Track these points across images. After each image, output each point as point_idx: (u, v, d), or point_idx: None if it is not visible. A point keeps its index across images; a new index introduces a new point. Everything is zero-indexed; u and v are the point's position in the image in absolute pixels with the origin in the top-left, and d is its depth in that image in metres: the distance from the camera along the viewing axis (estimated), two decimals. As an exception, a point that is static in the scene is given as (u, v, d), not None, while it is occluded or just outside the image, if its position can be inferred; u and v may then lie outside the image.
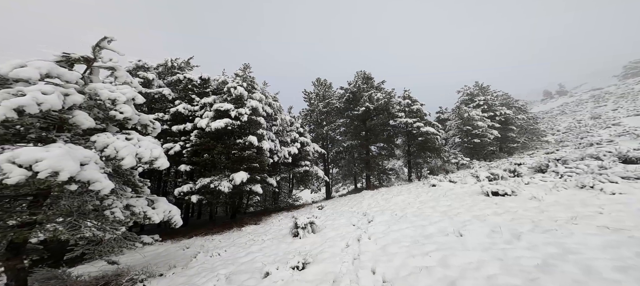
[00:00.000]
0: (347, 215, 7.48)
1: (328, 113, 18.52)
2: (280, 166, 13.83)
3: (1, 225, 2.77)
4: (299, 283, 3.37)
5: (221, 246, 7.12)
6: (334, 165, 18.82)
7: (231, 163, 10.05)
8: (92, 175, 3.25)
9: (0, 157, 2.34)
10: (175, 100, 10.19)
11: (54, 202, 3.39)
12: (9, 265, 3.01)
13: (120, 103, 4.31)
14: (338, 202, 12.14)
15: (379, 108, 15.61)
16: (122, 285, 4.47)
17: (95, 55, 4.53)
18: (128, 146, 4.07)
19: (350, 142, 16.60)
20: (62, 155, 2.81)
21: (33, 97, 2.68)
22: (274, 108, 13.46)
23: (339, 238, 5.00)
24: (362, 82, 17.54)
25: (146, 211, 4.67)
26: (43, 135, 3.21)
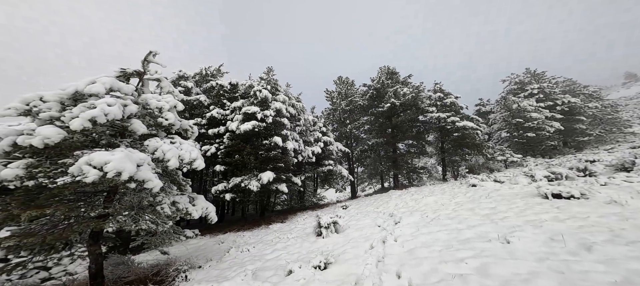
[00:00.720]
0: (372, 216, 7.22)
1: (351, 111, 18.13)
2: (305, 165, 14.04)
3: (85, 216, 3.34)
4: (320, 283, 3.35)
5: (250, 242, 7.45)
6: (359, 164, 18.35)
7: (259, 163, 10.56)
8: (145, 175, 3.70)
9: (80, 160, 2.81)
10: (210, 106, 11.15)
11: (121, 197, 3.96)
12: (91, 250, 3.62)
13: (165, 111, 4.84)
14: (363, 201, 11.80)
15: (406, 103, 14.66)
16: (169, 274, 5.01)
17: (144, 69, 5.17)
18: (172, 149, 4.54)
19: (375, 139, 15.96)
20: (123, 158, 3.26)
21: (101, 109, 3.17)
22: (297, 109, 13.72)
23: (363, 239, 4.88)
24: (386, 78, 16.71)
25: (188, 207, 5.15)
26: (111, 140, 3.77)
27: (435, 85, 15.42)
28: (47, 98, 3.15)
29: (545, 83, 19.98)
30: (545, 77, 21.13)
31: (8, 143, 2.78)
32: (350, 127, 17.47)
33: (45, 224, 3.13)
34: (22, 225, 3.01)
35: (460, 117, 13.75)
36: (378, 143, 15.91)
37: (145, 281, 4.34)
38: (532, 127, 15.82)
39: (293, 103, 13.39)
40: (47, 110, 3.09)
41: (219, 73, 13.49)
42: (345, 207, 10.89)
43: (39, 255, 3.24)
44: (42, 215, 2.80)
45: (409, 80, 16.81)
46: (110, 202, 3.77)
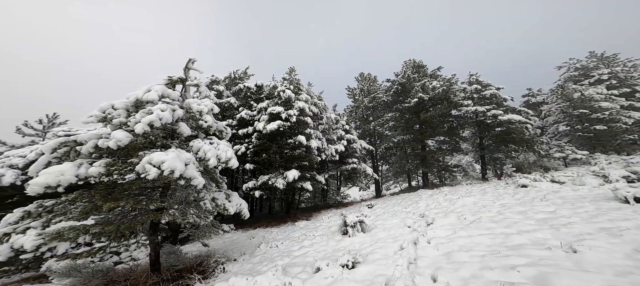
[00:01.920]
0: (401, 216, 6.97)
1: (374, 108, 17.55)
2: (328, 164, 14.05)
3: (146, 208, 3.80)
4: (348, 282, 3.33)
5: (278, 238, 7.68)
6: (384, 162, 17.72)
7: (284, 161, 10.88)
8: (192, 173, 4.05)
9: (143, 159, 3.19)
10: (239, 107, 11.84)
11: (172, 193, 4.42)
12: (151, 239, 4.12)
13: (204, 114, 5.23)
14: (389, 200, 11.38)
15: (435, 98, 13.62)
16: (210, 265, 5.41)
17: (185, 76, 5.66)
18: (212, 149, 4.88)
19: (401, 136, 15.19)
20: (175, 158, 3.61)
21: (157, 114, 3.57)
22: (319, 107, 13.78)
23: (391, 240, 4.76)
24: (412, 72, 15.75)
25: (225, 203, 5.51)
26: (164, 142, 4.22)
27: (470, 77, 14.02)
28: (116, 106, 3.67)
29: (619, 67, 16.67)
30: (618, 60, 17.65)
31: (91, 145, 3.30)
32: (374, 124, 16.92)
33: (118, 214, 3.66)
34: (102, 215, 3.54)
35: (503, 109, 12.27)
36: (404, 140, 15.10)
37: (191, 270, 4.77)
38: (602, 119, 13.27)
39: (315, 102, 13.46)
40: (118, 116, 3.61)
41: (245, 75, 14.22)
42: (370, 205, 10.64)
43: (114, 241, 3.78)
44: (116, 207, 3.28)
45: (438, 72, 15.58)
46: (164, 197, 4.23)
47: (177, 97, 4.80)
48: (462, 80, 14.63)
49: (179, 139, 4.58)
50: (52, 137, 8.49)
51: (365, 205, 11.09)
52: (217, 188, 5.86)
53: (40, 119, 10.67)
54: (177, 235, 6.19)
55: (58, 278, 3.81)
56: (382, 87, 17.89)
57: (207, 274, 4.83)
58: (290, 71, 13.41)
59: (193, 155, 4.61)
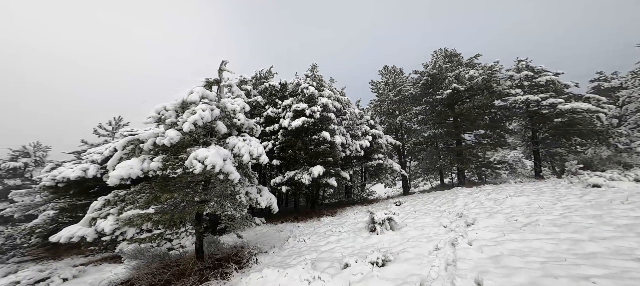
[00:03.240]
0: (434, 214, 6.59)
1: (401, 101, 16.61)
2: (352, 160, 13.81)
3: (192, 200, 4.15)
4: (379, 280, 3.28)
5: (305, 233, 7.79)
6: (412, 158, 16.77)
7: (309, 157, 10.98)
8: (229, 168, 4.28)
9: (190, 155, 3.46)
10: (266, 105, 12.27)
11: (213, 186, 4.75)
12: (196, 229, 4.50)
13: (237, 112, 5.47)
14: (419, 198, 10.76)
15: (473, 88, 12.28)
16: (244, 256, 5.72)
17: (220, 77, 5.99)
18: (245, 146, 5.09)
19: (431, 131, 14.13)
20: (215, 154, 3.85)
21: (199, 114, 3.84)
22: (342, 102, 13.55)
23: (425, 239, 4.59)
24: (444, 61, 14.45)
25: (257, 197, 5.74)
26: (205, 140, 4.54)
27: (518, 63, 12.29)
28: (167, 107, 4.07)
29: None
30: None
31: (150, 143, 3.71)
32: (401, 119, 16.03)
33: (171, 205, 4.07)
34: (159, 205, 3.98)
35: (564, 97, 10.52)
36: (436, 135, 14.01)
37: (228, 259, 5.10)
38: None
39: (338, 98, 13.27)
40: (169, 117, 3.99)
41: (270, 74, 14.65)
42: (398, 203, 10.19)
43: (168, 229, 4.22)
44: (171, 198, 3.64)
45: (475, 60, 14.01)
46: (206, 190, 4.58)
47: (214, 97, 5.10)
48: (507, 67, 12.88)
49: (216, 136, 4.88)
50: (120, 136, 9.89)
51: (392, 203, 10.70)
52: (249, 183, 6.15)
53: (110, 121, 12.58)
54: (215, 226, 6.71)
55: (128, 259, 4.44)
56: (409, 79, 16.79)
57: (242, 264, 5.12)
58: (312, 68, 13.37)
59: (229, 151, 4.88)
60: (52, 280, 5.29)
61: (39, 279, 5.27)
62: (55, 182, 7.27)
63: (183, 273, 4.26)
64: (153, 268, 4.35)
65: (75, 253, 7.98)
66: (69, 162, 9.17)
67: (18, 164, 14.51)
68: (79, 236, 3.43)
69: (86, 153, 8.57)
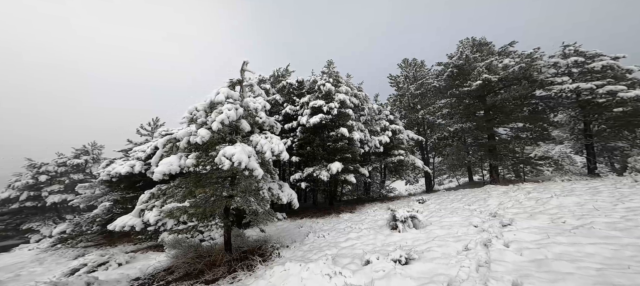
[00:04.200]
0: (463, 213, 6.25)
1: (423, 95, 15.70)
2: (371, 156, 13.49)
3: (220, 195, 4.44)
4: (403, 278, 3.22)
5: (324, 229, 7.85)
6: (436, 154, 15.81)
7: (327, 154, 11.00)
8: (253, 165, 4.48)
9: (219, 153, 3.69)
10: (284, 103, 12.55)
11: (238, 182, 5.02)
12: (225, 222, 4.83)
13: (259, 111, 5.67)
14: (445, 196, 10.17)
15: (508, 78, 11.04)
16: (268, 250, 5.98)
17: (242, 77, 6.24)
18: (267, 143, 5.26)
19: (459, 125, 13.12)
20: (241, 151, 4.06)
21: (226, 113, 4.08)
22: (359, 98, 13.25)
23: (452, 238, 4.43)
24: (472, 51, 13.28)
25: (279, 193, 5.92)
26: (231, 138, 4.80)
27: (564, 49, 10.74)
28: (198, 108, 4.40)
29: None
30: None
31: (185, 141, 4.06)
32: (423, 113, 15.14)
33: (203, 199, 4.42)
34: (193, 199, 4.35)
35: (626, 84, 8.98)
36: (463, 129, 12.98)
37: (253, 252, 5.37)
38: None
39: (355, 93, 13.01)
40: (200, 116, 4.32)
41: (287, 73, 14.91)
42: (421, 200, 9.76)
43: (201, 222, 4.59)
44: (203, 192, 3.95)
45: (510, 48, 12.59)
46: (232, 186, 4.86)
47: (237, 96, 5.34)
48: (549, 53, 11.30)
49: (240, 134, 5.12)
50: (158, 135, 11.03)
51: (415, 200, 10.29)
52: (271, 179, 6.37)
53: (149, 122, 14.15)
54: (240, 220, 7.12)
55: (168, 249, 4.97)
56: (432, 71, 15.76)
57: (265, 257, 5.34)
58: (328, 64, 13.25)
59: (252, 149, 5.09)
60: (110, 264, 6.17)
61: (100, 262, 6.19)
62: (110, 177, 8.41)
63: (214, 264, 4.61)
64: (188, 258, 4.80)
65: (126, 241, 9.17)
66: (119, 159, 10.51)
67: (80, 161, 17.07)
68: (130, 226, 3.94)
69: (132, 151, 9.72)
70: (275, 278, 4.08)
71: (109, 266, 6.12)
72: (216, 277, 4.34)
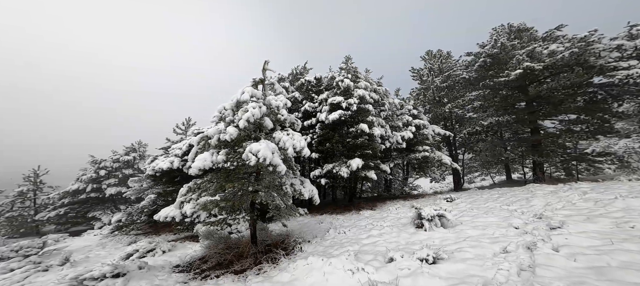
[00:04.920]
0: (500, 214, 5.79)
1: (450, 88, 14.58)
2: (392, 152, 12.98)
3: (246, 190, 4.70)
4: (430, 277, 3.10)
5: (345, 225, 7.83)
6: (466, 150, 14.62)
7: (346, 150, 10.89)
8: (277, 161, 4.62)
9: (246, 149, 3.90)
10: (303, 100, 12.71)
11: (262, 178, 5.25)
12: (251, 216, 5.11)
13: (281, 108, 5.81)
14: (477, 195, 9.41)
15: (557, 65, 9.63)
16: (290, 244, 6.16)
17: (264, 76, 6.46)
18: (289, 139, 5.37)
19: (493, 118, 11.87)
20: (265, 148, 4.22)
21: (251, 112, 4.28)
22: (379, 93, 12.85)
23: (487, 239, 4.18)
24: (509, 39, 11.93)
25: (301, 189, 6.05)
26: (255, 135, 5.03)
27: (630, 29, 8.98)
28: (226, 107, 4.71)
29: None
30: None
31: (216, 139, 4.39)
32: (450, 107, 14.04)
33: (231, 193, 4.74)
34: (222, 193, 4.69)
35: None
36: (500, 123, 11.71)
37: (276, 245, 5.58)
38: None
39: (375, 88, 12.67)
40: (228, 115, 4.62)
41: (305, 70, 15.04)
42: (450, 199, 9.18)
43: (229, 215, 4.93)
44: (232, 187, 4.22)
45: (557, 32, 10.99)
46: (257, 181, 5.11)
47: (260, 95, 5.55)
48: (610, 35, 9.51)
49: (264, 131, 5.33)
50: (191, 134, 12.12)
51: (442, 198, 9.71)
52: (293, 175, 6.54)
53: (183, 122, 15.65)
54: (264, 215, 7.47)
55: (202, 239, 5.47)
56: (461, 62, 14.48)
57: (288, 251, 5.51)
58: (346, 60, 13.00)
59: (275, 145, 5.26)
60: (157, 251, 7.01)
61: (149, 249, 7.08)
62: (154, 172, 9.51)
63: (241, 255, 4.91)
64: (219, 249, 5.20)
65: (168, 231, 10.31)
66: (161, 156, 11.80)
67: (129, 158, 19.60)
68: (171, 217, 4.42)
69: (170, 148, 10.85)
70: (299, 271, 4.19)
71: (155, 253, 6.95)
72: (244, 268, 4.63)
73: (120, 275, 4.25)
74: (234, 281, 4.24)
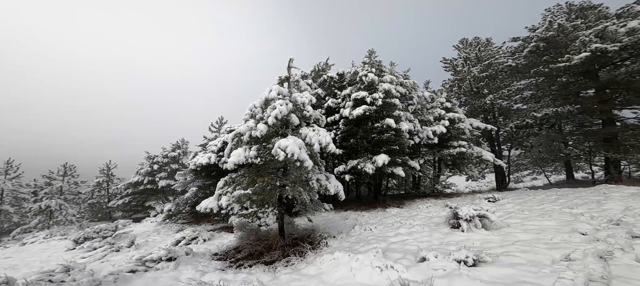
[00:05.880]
0: (561, 217, 5.09)
1: (491, 77, 12.94)
2: (422, 148, 12.13)
3: (275, 185, 4.91)
4: (470, 280, 2.87)
5: (371, 222, 7.64)
6: (513, 145, 12.93)
7: (371, 146, 10.58)
8: (304, 156, 4.71)
9: (275, 145, 4.06)
10: (326, 96, 12.71)
11: (289, 173, 5.43)
12: (279, 210, 5.34)
13: (306, 105, 5.89)
14: (528, 196, 8.36)
15: (637, 45, 7.77)
16: (316, 238, 6.23)
17: (289, 74, 6.61)
18: (314, 135, 5.41)
19: (550, 109, 10.20)
20: (293, 143, 4.34)
21: (279, 109, 4.43)
22: (406, 86, 12.12)
23: (543, 245, 3.74)
24: (569, 19, 10.03)
25: (327, 184, 6.06)
26: (283, 131, 5.21)
27: None
28: (256, 105, 4.98)
29: None
30: None
31: (247, 136, 4.69)
32: (492, 98, 12.47)
33: (261, 188, 5.02)
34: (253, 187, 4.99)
35: None
36: (558, 114, 9.98)
37: (303, 240, 5.69)
38: None
39: (401, 82, 12.00)
40: (258, 113, 4.89)
41: (327, 66, 14.96)
42: (493, 199, 8.31)
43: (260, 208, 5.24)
44: (263, 181, 4.47)
45: (637, 7, 8.92)
46: (284, 176, 5.31)
47: (286, 92, 5.70)
48: None
49: (290, 128, 5.47)
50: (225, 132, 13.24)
51: (482, 198, 8.85)
52: (319, 171, 6.60)
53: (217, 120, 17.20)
54: (290, 209, 7.74)
55: (236, 230, 5.93)
56: (505, 49, 12.74)
57: (314, 245, 5.56)
58: (369, 54, 12.49)
59: (302, 141, 5.37)
60: (199, 239, 7.87)
61: (193, 237, 7.98)
62: (196, 167, 10.67)
63: (270, 247, 5.16)
64: (251, 240, 5.54)
65: (207, 221, 11.47)
66: (200, 152, 13.14)
67: (175, 154, 22.34)
68: (210, 208, 4.89)
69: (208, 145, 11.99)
70: (325, 265, 4.23)
71: (198, 241, 7.81)
72: (273, 259, 4.85)
73: (172, 259, 4.88)
74: (265, 271, 4.47)
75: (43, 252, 9.84)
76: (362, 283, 3.44)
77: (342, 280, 3.67)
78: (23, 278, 3.43)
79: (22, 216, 21.17)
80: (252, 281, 3.71)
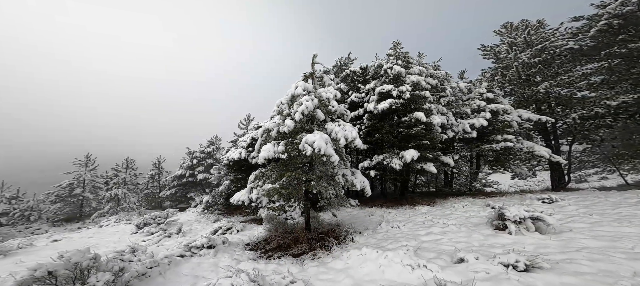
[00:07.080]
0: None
1: (545, 63, 11.01)
2: (457, 143, 11.04)
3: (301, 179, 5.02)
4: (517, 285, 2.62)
5: (398, 220, 7.32)
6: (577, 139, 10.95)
7: (398, 141, 10.02)
8: (330, 151, 4.68)
9: (303, 140, 4.12)
10: (349, 91, 12.44)
11: (315, 168, 5.48)
12: (305, 205, 5.45)
13: (331, 100, 5.80)
14: (597, 198, 7.16)
15: None
16: (341, 234, 6.18)
17: (313, 70, 6.60)
18: (340, 130, 5.32)
19: (629, 95, 8.28)
20: (319, 139, 4.34)
21: (305, 105, 4.48)
22: (437, 78, 11.15)
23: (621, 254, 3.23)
24: None
25: (353, 180, 5.95)
26: (309, 126, 5.26)
27: None
28: (283, 101, 5.13)
29: None
30: None
31: (275, 131, 4.88)
32: (547, 86, 10.65)
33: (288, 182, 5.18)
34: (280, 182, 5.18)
35: None
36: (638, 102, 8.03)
37: (328, 234, 5.71)
38: None
39: (431, 73, 11.14)
40: (285, 109, 5.04)
41: (349, 61, 14.57)
42: (548, 200, 7.30)
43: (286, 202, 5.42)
44: (290, 176, 4.60)
45: None
46: (310, 170, 5.38)
47: (311, 88, 5.71)
48: None
49: (316, 123, 5.49)
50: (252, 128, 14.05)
51: (534, 198, 7.78)
52: (344, 166, 6.53)
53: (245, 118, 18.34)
54: (315, 204, 7.84)
55: (265, 222, 6.27)
56: (564, 30, 10.66)
57: (339, 240, 5.52)
58: (394, 46, 11.71)
59: (327, 136, 5.34)
60: (233, 230, 8.57)
61: (228, 227, 8.73)
62: (228, 162, 11.58)
63: (297, 240, 5.30)
64: (279, 233, 5.79)
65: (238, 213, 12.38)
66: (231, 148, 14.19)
67: (210, 149, 24.63)
68: (242, 201, 5.26)
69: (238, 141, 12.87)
70: (352, 260, 4.17)
71: (232, 231, 8.51)
72: (300, 252, 4.98)
73: (212, 246, 5.40)
74: (293, 263, 4.61)
75: (114, 234, 11.93)
76: (391, 280, 3.31)
77: (369, 275, 3.59)
78: (105, 255, 4.20)
79: (98, 202, 25.88)
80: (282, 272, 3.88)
